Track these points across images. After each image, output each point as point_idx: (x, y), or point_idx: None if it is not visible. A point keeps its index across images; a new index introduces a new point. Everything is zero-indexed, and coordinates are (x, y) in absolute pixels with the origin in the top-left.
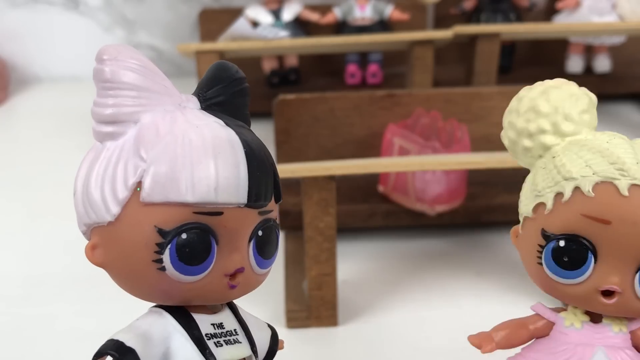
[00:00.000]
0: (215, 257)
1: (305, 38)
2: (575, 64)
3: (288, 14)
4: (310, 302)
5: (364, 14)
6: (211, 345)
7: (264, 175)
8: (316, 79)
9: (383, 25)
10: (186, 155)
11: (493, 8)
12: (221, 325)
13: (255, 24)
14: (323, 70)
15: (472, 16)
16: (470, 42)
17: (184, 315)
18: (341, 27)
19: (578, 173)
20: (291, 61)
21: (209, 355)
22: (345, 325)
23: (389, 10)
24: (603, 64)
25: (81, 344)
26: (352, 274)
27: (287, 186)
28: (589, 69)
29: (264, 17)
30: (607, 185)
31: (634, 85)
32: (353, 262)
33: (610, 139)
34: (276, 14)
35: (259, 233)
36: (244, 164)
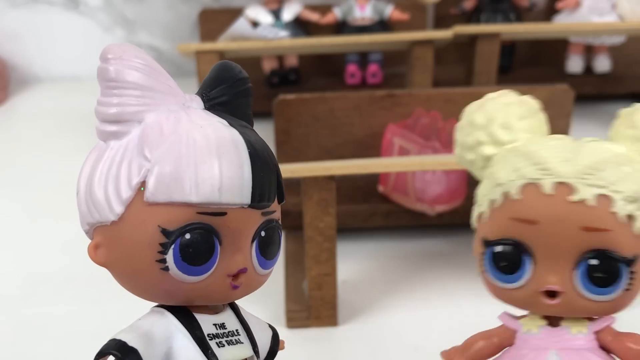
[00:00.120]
0: (219, 258)
1: (305, 38)
2: (575, 64)
3: (288, 14)
4: (310, 302)
5: (364, 14)
6: (213, 345)
7: (268, 175)
8: (316, 79)
9: (383, 25)
10: (190, 155)
11: (493, 8)
12: (223, 326)
13: (255, 24)
14: (323, 70)
15: (472, 16)
16: (470, 42)
17: (186, 315)
18: (341, 27)
19: (505, 178)
20: (291, 61)
21: (211, 355)
22: (345, 325)
23: (389, 10)
24: (603, 64)
25: (81, 344)
26: (352, 274)
27: (287, 186)
28: (589, 69)
29: (264, 17)
30: (532, 186)
31: (634, 85)
32: (353, 262)
33: (547, 141)
34: (276, 14)
35: (262, 234)
36: (247, 165)
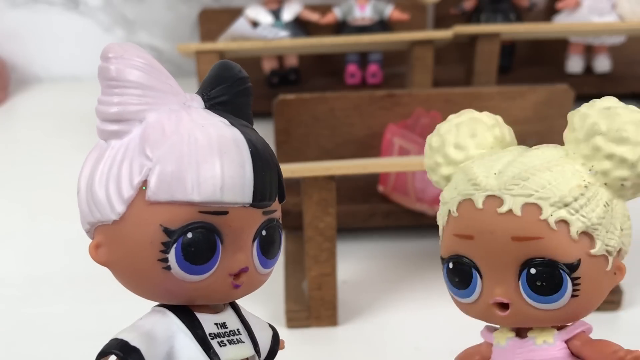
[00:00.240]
0: (220, 257)
1: (305, 38)
2: (575, 64)
3: (288, 14)
4: (310, 302)
5: (364, 14)
6: (215, 344)
7: (269, 174)
8: (316, 79)
9: (383, 25)
10: (192, 154)
11: (493, 8)
12: (224, 325)
13: (255, 24)
14: (323, 70)
15: (472, 16)
16: (470, 42)
17: (187, 314)
18: (341, 27)
19: (448, 197)
20: (291, 61)
21: (213, 354)
22: (345, 325)
23: (389, 10)
24: (603, 64)
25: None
26: (352, 274)
27: (287, 186)
28: (589, 69)
29: (264, 17)
30: (467, 202)
31: (634, 85)
32: (353, 262)
33: (489, 156)
34: (276, 14)
35: (263, 233)
36: (249, 164)
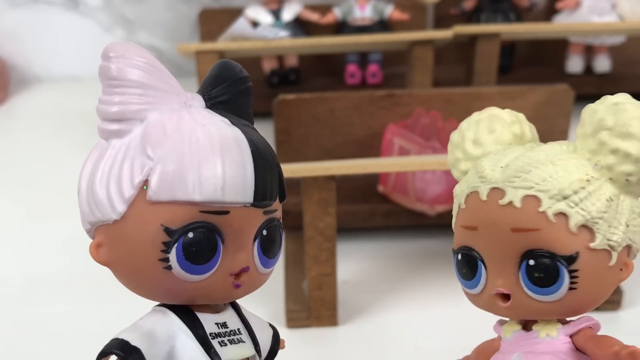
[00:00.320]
0: (221, 257)
1: (305, 38)
2: (575, 64)
3: (288, 14)
4: (310, 302)
5: (364, 14)
6: (216, 344)
7: (270, 174)
8: (316, 79)
9: (383, 25)
10: (193, 153)
11: (493, 8)
12: (225, 325)
13: (255, 24)
14: (323, 70)
15: (472, 16)
16: (470, 42)
17: (188, 314)
18: (341, 27)
19: (459, 190)
20: (291, 61)
21: (213, 354)
22: (345, 325)
23: (389, 10)
24: (603, 64)
25: (82, 343)
26: (352, 274)
27: (287, 186)
28: (589, 69)
29: (264, 17)
30: (474, 194)
31: (634, 85)
32: (353, 262)
33: (501, 151)
34: (276, 14)
35: (264, 232)
36: (250, 163)
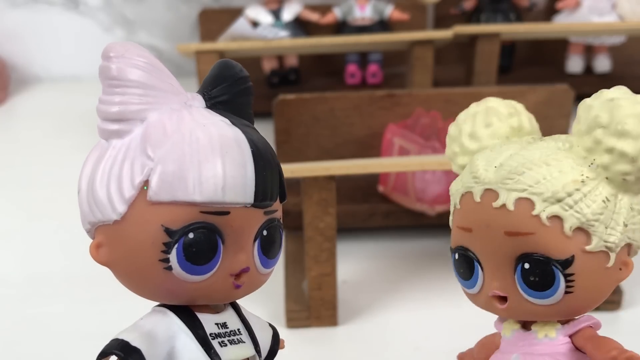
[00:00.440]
0: (221, 257)
1: (305, 38)
2: (575, 64)
3: (288, 14)
4: (310, 302)
5: (364, 14)
6: (216, 345)
7: (270, 174)
8: (316, 79)
9: (383, 25)
10: (194, 154)
11: (493, 8)
12: (225, 325)
13: (255, 24)
14: (323, 70)
15: (472, 16)
16: (470, 42)
17: (188, 314)
18: (341, 27)
19: (454, 189)
20: (291, 61)
21: (213, 355)
22: (345, 325)
23: (389, 10)
24: (603, 64)
25: (81, 344)
26: (352, 274)
27: (287, 186)
28: (589, 69)
29: (264, 17)
30: (468, 194)
31: (634, 85)
32: (353, 262)
33: (496, 147)
34: (276, 14)
35: (264, 233)
36: (250, 164)
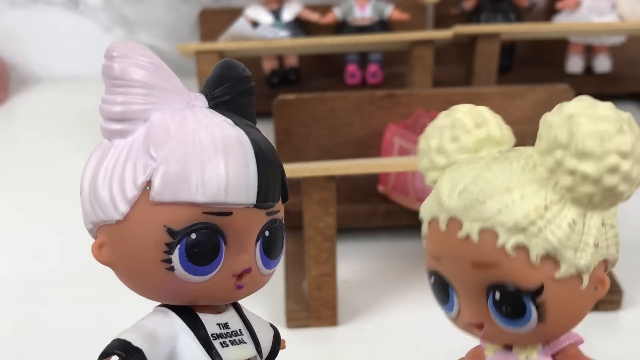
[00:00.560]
0: (224, 258)
1: (305, 38)
2: (575, 64)
3: (288, 14)
4: (310, 302)
5: (364, 14)
6: (217, 345)
7: (273, 175)
8: (316, 79)
9: (383, 25)
10: (197, 154)
11: (493, 8)
12: (226, 325)
13: (255, 24)
14: (323, 70)
15: (472, 16)
16: (470, 42)
17: (190, 315)
18: (341, 27)
19: (422, 213)
20: (291, 61)
21: (215, 355)
22: (345, 325)
23: (389, 10)
24: (603, 64)
25: (81, 343)
26: (352, 274)
27: (288, 186)
28: (589, 69)
29: (264, 17)
30: (435, 222)
31: (634, 85)
32: (353, 262)
33: (460, 167)
34: (276, 14)
35: (266, 233)
36: (253, 164)
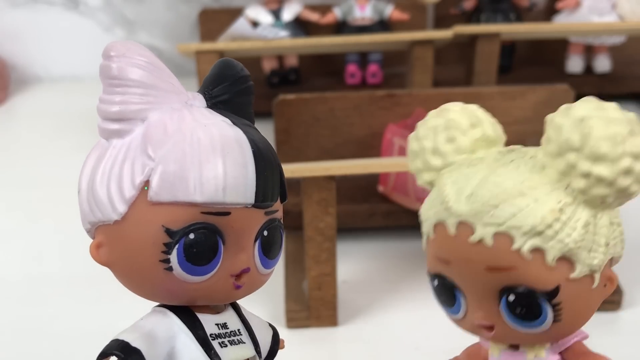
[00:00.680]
0: (222, 258)
1: (305, 38)
2: (575, 64)
3: (288, 14)
4: (310, 302)
5: (364, 14)
6: (216, 345)
7: (271, 175)
8: (316, 79)
9: (383, 25)
10: (195, 154)
11: (493, 8)
12: (225, 325)
13: (255, 24)
14: (323, 70)
15: (472, 16)
16: (470, 42)
17: (188, 315)
18: (341, 27)
19: (425, 215)
20: (291, 61)
21: (214, 355)
22: (345, 325)
23: (389, 10)
24: (603, 64)
25: (81, 344)
26: (352, 274)
27: (287, 186)
28: (589, 69)
29: (264, 17)
30: (441, 225)
31: (634, 85)
32: (353, 262)
33: (462, 169)
34: (276, 14)
35: (265, 233)
36: (251, 164)
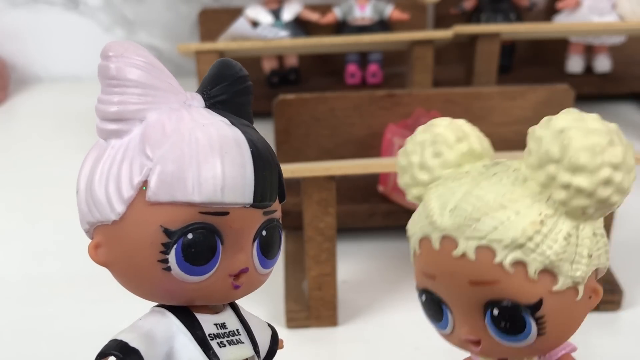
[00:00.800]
0: (220, 258)
1: (305, 38)
2: (575, 64)
3: (288, 14)
4: (310, 302)
5: (364, 14)
6: (214, 345)
7: (270, 175)
8: (316, 79)
9: (383, 25)
10: (193, 154)
11: (493, 8)
12: (224, 326)
13: (255, 23)
14: (323, 70)
15: (472, 16)
16: (470, 42)
17: (187, 315)
18: (341, 27)
19: (411, 230)
20: (291, 61)
21: (212, 355)
22: (345, 325)
23: (389, 10)
24: (603, 64)
25: (81, 343)
26: (352, 274)
27: (287, 186)
28: (589, 69)
29: (264, 17)
30: (426, 240)
31: (634, 85)
32: (353, 262)
33: (447, 183)
34: (276, 14)
35: (263, 233)
36: (250, 164)
